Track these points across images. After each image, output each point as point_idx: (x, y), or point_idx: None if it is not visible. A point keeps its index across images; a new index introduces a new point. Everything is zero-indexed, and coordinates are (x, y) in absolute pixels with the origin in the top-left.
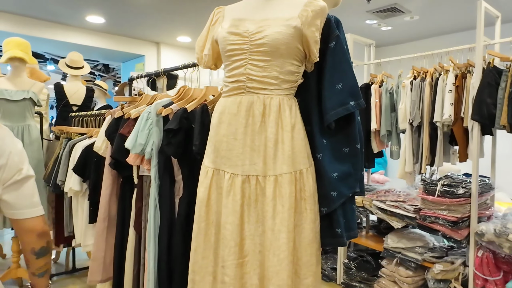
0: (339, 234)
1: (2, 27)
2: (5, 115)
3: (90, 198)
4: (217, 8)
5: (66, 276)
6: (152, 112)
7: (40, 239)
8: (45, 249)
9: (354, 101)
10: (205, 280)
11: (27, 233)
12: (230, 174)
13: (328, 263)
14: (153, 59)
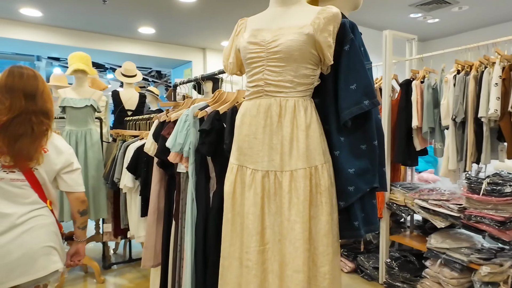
0: (357, 227)
1: (69, 42)
2: (71, 121)
3: (142, 194)
4: (241, 20)
5: (124, 265)
6: (190, 114)
7: (82, 204)
8: (85, 211)
9: (368, 100)
10: (232, 265)
11: (76, 200)
12: (252, 170)
13: (370, 262)
14: (199, 64)
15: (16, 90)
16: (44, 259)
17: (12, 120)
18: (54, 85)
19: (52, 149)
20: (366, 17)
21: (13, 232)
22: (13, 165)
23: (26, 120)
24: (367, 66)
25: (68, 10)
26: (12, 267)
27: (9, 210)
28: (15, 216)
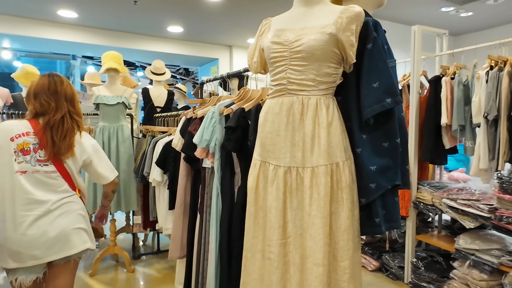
0: (378, 224)
1: (102, 41)
2: (104, 117)
3: (169, 188)
4: (265, 20)
5: (152, 256)
6: (216, 111)
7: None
8: (115, 190)
9: (390, 98)
10: (255, 257)
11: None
12: (274, 166)
13: (395, 261)
14: (226, 62)
15: (59, 94)
16: (76, 238)
17: (60, 119)
18: (88, 83)
19: (77, 145)
20: (394, 12)
21: (49, 216)
22: (47, 159)
23: (67, 119)
24: (390, 64)
25: (101, 11)
26: (49, 245)
27: (44, 198)
28: (50, 202)
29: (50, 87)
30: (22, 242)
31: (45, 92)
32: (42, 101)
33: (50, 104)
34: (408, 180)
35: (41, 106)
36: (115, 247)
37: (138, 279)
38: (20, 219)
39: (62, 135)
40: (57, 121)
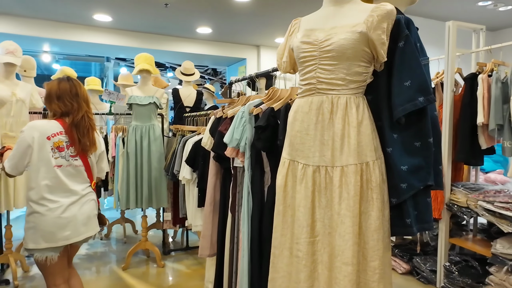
0: (409, 224)
1: (134, 43)
2: (136, 117)
3: (199, 186)
4: (294, 20)
5: (181, 252)
6: (246, 111)
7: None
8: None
9: (423, 97)
10: (283, 254)
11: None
12: (303, 165)
13: (427, 264)
14: (253, 61)
15: (80, 96)
16: (94, 222)
17: (81, 119)
18: (121, 84)
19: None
20: (428, 8)
21: (78, 202)
22: (76, 154)
23: (87, 118)
24: (423, 62)
25: (134, 14)
26: (77, 227)
27: (75, 188)
28: (79, 191)
29: (72, 90)
30: (57, 224)
31: (68, 95)
32: (66, 102)
33: (73, 105)
34: (441, 180)
35: (65, 107)
36: (146, 242)
37: (168, 274)
38: (57, 205)
39: (84, 133)
40: (79, 120)
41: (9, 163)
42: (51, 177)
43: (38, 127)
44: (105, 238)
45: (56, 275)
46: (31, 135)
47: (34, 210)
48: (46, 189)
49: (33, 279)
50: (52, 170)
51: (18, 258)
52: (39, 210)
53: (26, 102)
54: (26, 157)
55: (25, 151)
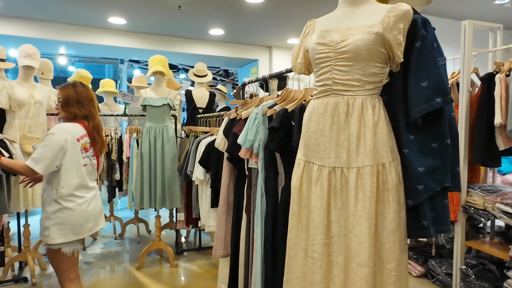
0: (425, 226)
1: (148, 46)
2: (150, 118)
3: (212, 186)
4: (309, 21)
5: (194, 252)
6: (259, 112)
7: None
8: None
9: (440, 98)
10: (298, 255)
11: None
12: (318, 166)
13: (443, 267)
14: (265, 62)
15: (94, 101)
16: (103, 214)
17: (98, 122)
18: (135, 85)
19: None
20: (443, 7)
21: (95, 197)
22: (94, 154)
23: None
24: (440, 62)
25: (148, 17)
26: (97, 218)
27: (93, 184)
28: (94, 187)
29: (88, 95)
30: (84, 217)
31: (86, 99)
32: (85, 106)
33: (91, 109)
34: (459, 182)
35: (85, 110)
36: (160, 242)
37: (181, 274)
38: (83, 200)
39: (100, 135)
40: (97, 123)
41: (42, 164)
42: (80, 175)
43: (68, 130)
44: (119, 237)
45: (71, 269)
46: (63, 137)
47: (63, 206)
48: (75, 186)
49: (50, 277)
50: (81, 169)
51: (35, 256)
52: (69, 206)
53: (44, 104)
54: (58, 158)
55: (57, 152)
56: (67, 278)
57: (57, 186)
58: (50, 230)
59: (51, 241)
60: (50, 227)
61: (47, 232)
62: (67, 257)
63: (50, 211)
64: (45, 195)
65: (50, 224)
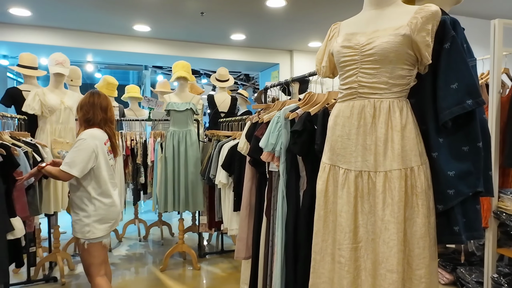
0: (457, 232)
1: (171, 52)
2: (174, 122)
3: (235, 190)
4: (334, 25)
5: (216, 255)
6: (281, 116)
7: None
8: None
9: (471, 100)
10: (325, 260)
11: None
12: (344, 170)
13: (473, 275)
14: (286, 66)
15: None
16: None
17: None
18: (159, 91)
19: None
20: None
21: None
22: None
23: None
24: (470, 63)
25: (172, 23)
26: (120, 213)
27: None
28: (117, 185)
29: (109, 104)
30: (117, 211)
31: (110, 107)
32: (109, 114)
33: (112, 116)
34: (492, 187)
35: (110, 117)
36: (183, 245)
37: (204, 277)
38: (115, 196)
39: (115, 140)
40: (112, 130)
41: (77, 168)
42: (110, 174)
43: (97, 136)
44: (143, 239)
45: (105, 263)
46: (94, 142)
47: (103, 203)
48: (109, 184)
49: (78, 277)
50: (110, 169)
51: (65, 256)
52: (107, 202)
53: (73, 110)
54: (91, 161)
55: (90, 156)
56: (99, 273)
57: (94, 186)
58: (91, 226)
59: (93, 236)
60: (91, 223)
61: (87, 228)
62: (102, 250)
63: (90, 210)
64: (78, 197)
65: (90, 221)
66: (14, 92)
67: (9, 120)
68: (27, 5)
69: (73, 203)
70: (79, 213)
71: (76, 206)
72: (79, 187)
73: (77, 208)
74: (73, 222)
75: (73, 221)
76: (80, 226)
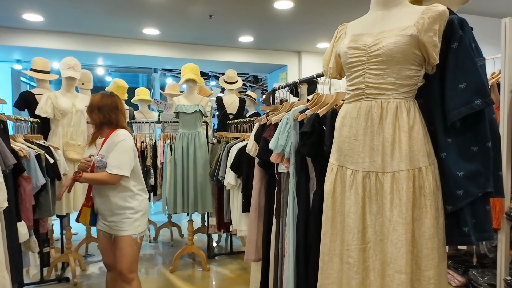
0: (466, 233)
1: (180, 54)
2: (183, 124)
3: (243, 191)
4: (340, 26)
5: (226, 257)
6: (290, 117)
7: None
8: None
9: (480, 100)
10: (333, 261)
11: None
12: (352, 171)
13: (485, 278)
14: (295, 68)
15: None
16: None
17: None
18: (169, 93)
19: None
20: (482, 5)
21: None
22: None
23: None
24: (479, 63)
25: (180, 27)
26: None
27: None
28: None
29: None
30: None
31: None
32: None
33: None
34: (502, 187)
35: (125, 119)
36: (193, 246)
37: (213, 278)
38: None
39: None
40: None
41: (127, 168)
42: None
43: (129, 136)
44: (153, 241)
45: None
46: (131, 141)
47: (144, 198)
48: (143, 180)
49: (89, 278)
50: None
51: (76, 257)
52: (145, 197)
53: (85, 113)
54: (134, 159)
55: (132, 154)
56: (136, 268)
57: (134, 183)
58: (140, 220)
59: (142, 229)
60: (139, 218)
61: (137, 223)
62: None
63: (135, 206)
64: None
65: (138, 216)
66: (28, 96)
67: (22, 123)
68: (39, 11)
69: (112, 205)
70: (123, 212)
71: (117, 207)
72: (121, 187)
73: (118, 208)
74: (114, 222)
75: (114, 222)
76: (129, 223)
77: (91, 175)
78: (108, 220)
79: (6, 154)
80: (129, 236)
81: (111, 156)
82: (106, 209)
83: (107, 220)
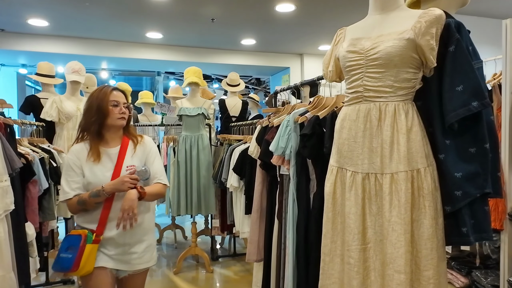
0: (465, 233)
1: (183, 58)
2: (186, 127)
3: (246, 193)
4: (340, 30)
5: (229, 258)
6: (291, 120)
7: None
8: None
9: (477, 102)
10: (334, 261)
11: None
12: (352, 172)
13: (489, 279)
14: (297, 70)
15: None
16: None
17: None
18: (172, 96)
19: None
20: (483, 6)
21: None
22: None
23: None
24: (476, 65)
25: (183, 30)
26: None
27: None
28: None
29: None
30: None
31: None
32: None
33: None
34: (500, 188)
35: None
36: (196, 248)
37: (217, 280)
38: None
39: None
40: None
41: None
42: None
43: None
44: (157, 243)
45: None
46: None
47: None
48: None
49: None
50: None
51: None
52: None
53: None
54: None
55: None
56: None
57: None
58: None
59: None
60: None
61: (155, 253)
62: None
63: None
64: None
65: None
66: (33, 99)
67: (28, 127)
68: (44, 16)
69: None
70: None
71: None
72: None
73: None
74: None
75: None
76: (151, 251)
77: (152, 190)
78: (129, 251)
79: (13, 157)
80: (149, 268)
81: (156, 164)
82: (132, 237)
83: (127, 252)
